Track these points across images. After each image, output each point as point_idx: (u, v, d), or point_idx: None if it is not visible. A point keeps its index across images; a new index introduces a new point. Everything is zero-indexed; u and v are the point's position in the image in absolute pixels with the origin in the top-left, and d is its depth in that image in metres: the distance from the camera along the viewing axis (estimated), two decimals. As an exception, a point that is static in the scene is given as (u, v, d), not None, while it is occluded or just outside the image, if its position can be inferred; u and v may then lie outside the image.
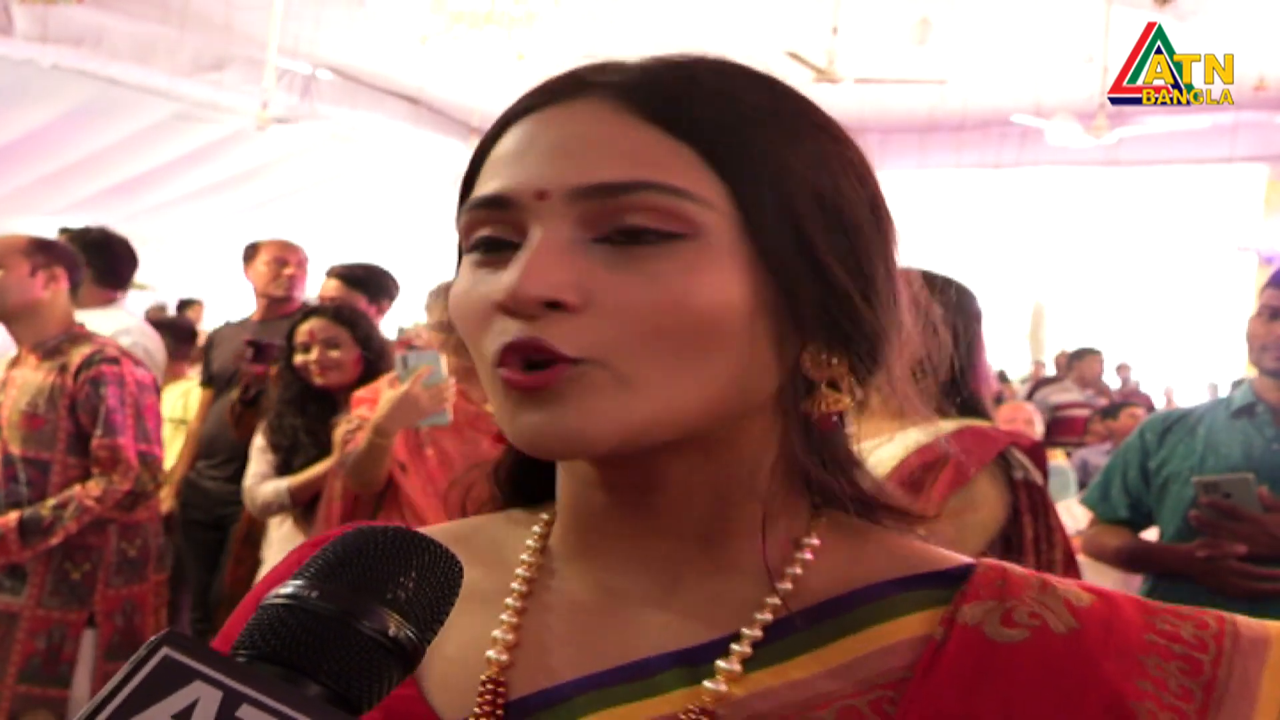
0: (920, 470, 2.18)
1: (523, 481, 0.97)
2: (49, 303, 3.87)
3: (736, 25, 10.79)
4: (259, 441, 4.19)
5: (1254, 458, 3.21)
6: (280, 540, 4.18)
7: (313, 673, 0.58)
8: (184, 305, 9.44)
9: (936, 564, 0.84)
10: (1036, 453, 2.64)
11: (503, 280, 0.77)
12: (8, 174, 13.84)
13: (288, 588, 0.61)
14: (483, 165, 0.84)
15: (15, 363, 3.85)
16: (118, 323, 4.76)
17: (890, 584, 0.82)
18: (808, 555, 0.84)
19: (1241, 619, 0.79)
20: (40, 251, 3.87)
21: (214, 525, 5.12)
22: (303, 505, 4.00)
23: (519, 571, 0.90)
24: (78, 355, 3.76)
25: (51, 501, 3.65)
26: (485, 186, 0.81)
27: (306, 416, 4.10)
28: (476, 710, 0.83)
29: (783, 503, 0.85)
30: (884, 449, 2.32)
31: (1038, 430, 7.07)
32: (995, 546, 2.47)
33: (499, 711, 0.82)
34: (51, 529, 3.61)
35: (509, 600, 0.88)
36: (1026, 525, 2.50)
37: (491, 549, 0.94)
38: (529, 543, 0.92)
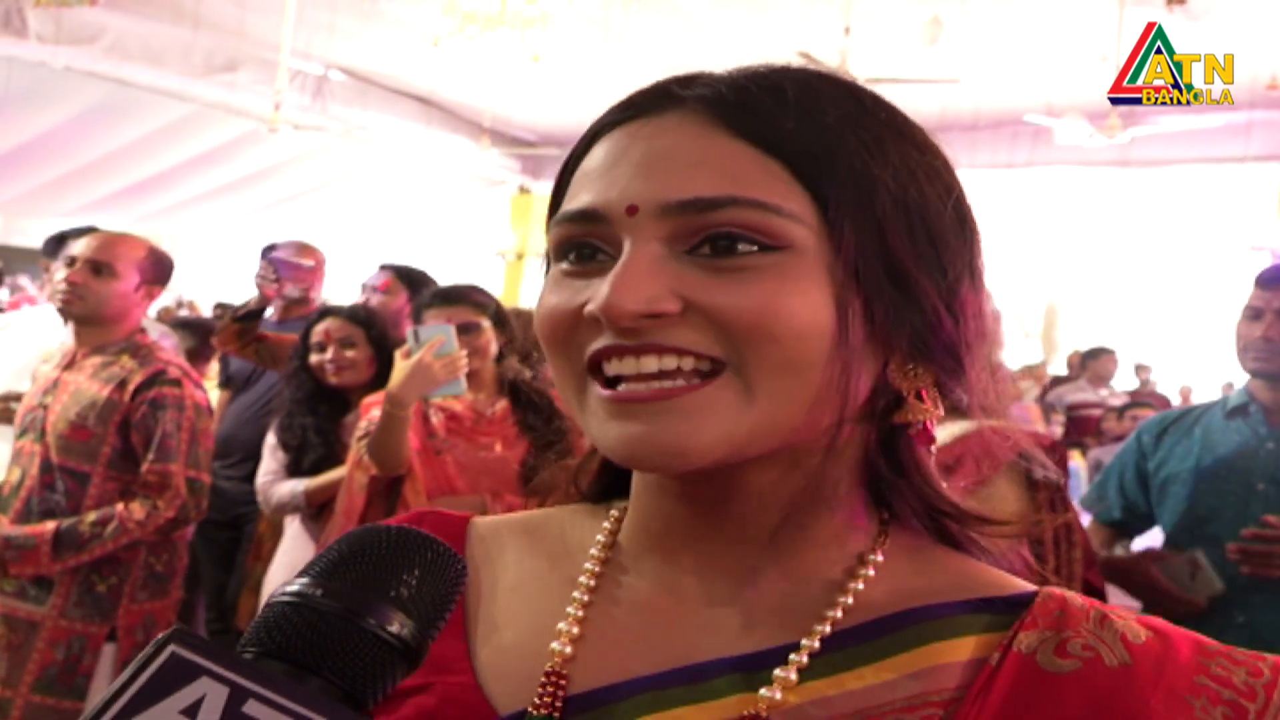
0: (938, 470, 2.17)
1: (604, 481, 0.98)
2: (135, 318, 3.79)
3: (749, 25, 10.78)
4: (270, 439, 4.21)
5: (1247, 456, 3.23)
6: (288, 540, 4.19)
7: (318, 669, 0.59)
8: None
9: (998, 589, 0.85)
10: (1057, 451, 2.64)
11: (596, 292, 0.78)
12: (22, 175, 13.91)
13: (294, 585, 0.63)
14: (571, 177, 0.85)
15: (70, 365, 3.72)
16: None
17: (951, 605, 0.83)
18: (871, 571, 0.85)
19: None
20: (154, 266, 3.80)
21: (230, 525, 5.13)
22: (316, 508, 4.01)
23: (587, 565, 0.91)
24: (139, 373, 3.63)
25: (91, 517, 3.54)
26: (576, 200, 0.82)
27: (317, 416, 4.12)
28: (536, 701, 0.84)
29: (853, 517, 0.86)
30: None
31: (1055, 431, 7.07)
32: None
33: (558, 704, 0.83)
34: (87, 545, 3.51)
35: (575, 594, 0.89)
36: (1046, 524, 2.51)
37: (559, 541, 0.95)
38: (599, 538, 0.93)
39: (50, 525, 3.52)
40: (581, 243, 0.82)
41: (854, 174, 0.80)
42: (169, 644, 0.57)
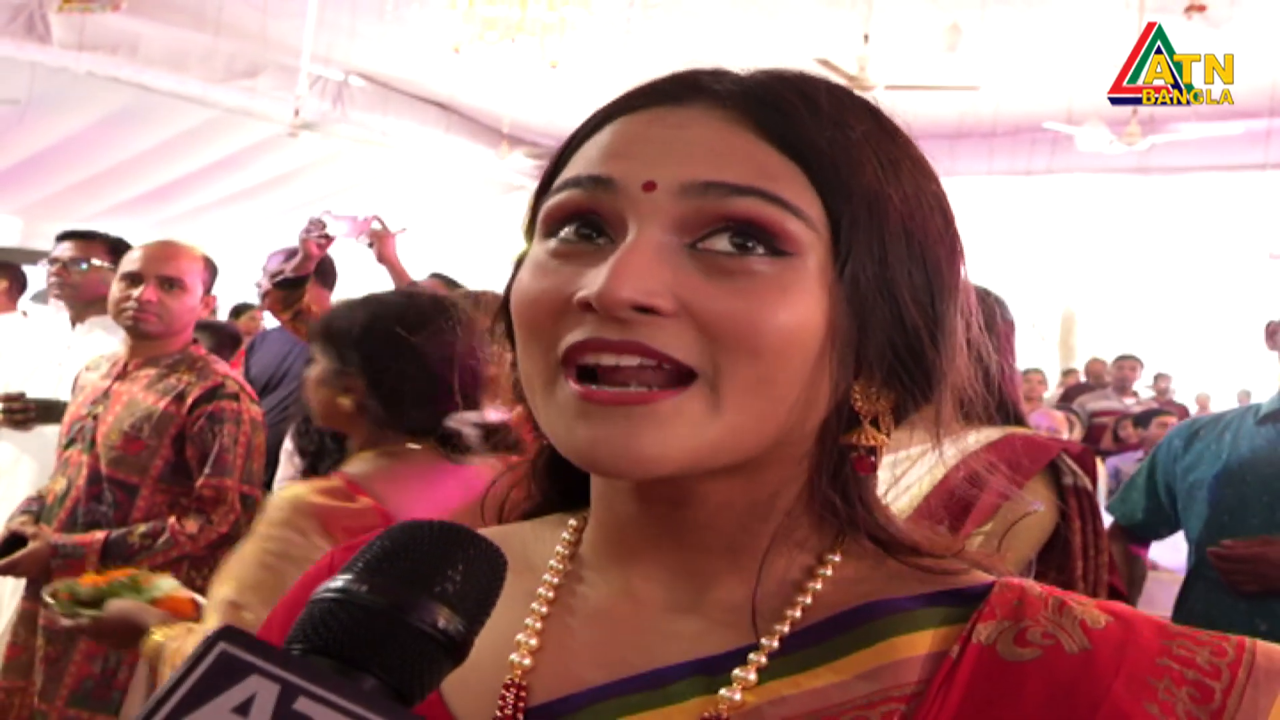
0: (970, 478, 2.18)
1: (561, 480, 0.97)
2: (190, 329, 3.77)
3: (768, 32, 10.78)
4: (287, 445, 4.20)
5: (1274, 463, 3.21)
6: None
7: (365, 665, 0.59)
8: (239, 311, 9.45)
9: (956, 583, 0.84)
10: (1086, 459, 2.65)
11: (589, 278, 0.76)
12: (44, 179, 13.96)
13: (338, 582, 0.63)
14: (574, 155, 0.83)
15: (123, 375, 3.68)
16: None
17: (909, 599, 0.83)
18: (829, 571, 0.85)
19: (1263, 648, 0.79)
20: (211, 274, 3.78)
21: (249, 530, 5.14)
22: (331, 513, 4.00)
23: (546, 577, 0.91)
24: (198, 387, 3.59)
25: (142, 528, 3.48)
26: (585, 167, 0.80)
27: (334, 422, 4.11)
28: (497, 714, 0.83)
29: (809, 522, 0.86)
30: (929, 457, 2.31)
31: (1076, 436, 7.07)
32: (1045, 551, 2.49)
33: (519, 716, 0.83)
34: (135, 557, 3.41)
35: (534, 605, 0.89)
36: (1076, 530, 2.52)
37: (521, 555, 0.94)
38: (558, 549, 0.93)
39: (99, 535, 3.47)
40: (584, 214, 0.79)
41: (870, 193, 0.79)
42: (218, 642, 0.57)
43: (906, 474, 0.96)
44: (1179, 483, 3.43)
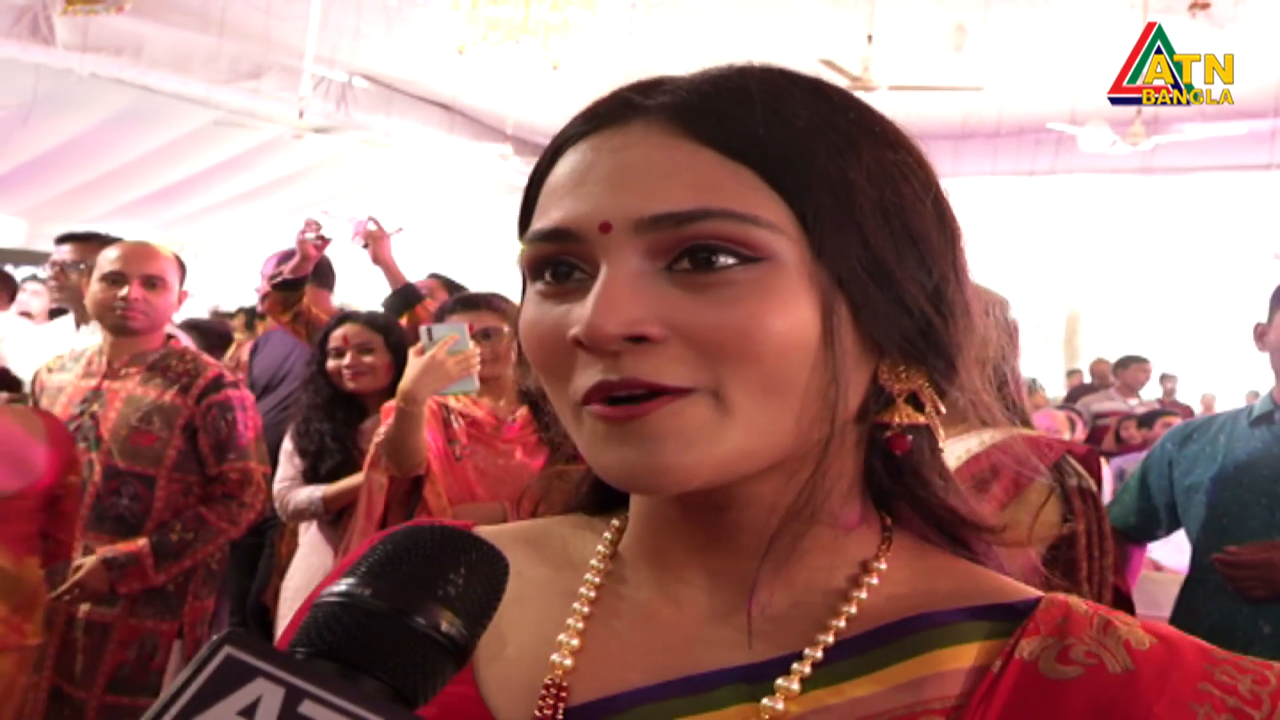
0: (973, 479, 2.18)
1: (604, 491, 0.97)
2: (168, 321, 3.89)
3: (772, 33, 10.78)
4: (287, 445, 4.20)
5: (1271, 464, 3.21)
6: (305, 546, 4.19)
7: (369, 668, 0.60)
8: (249, 313, 9.41)
9: (1002, 595, 0.84)
10: (1091, 460, 2.65)
11: (577, 315, 0.76)
12: (48, 181, 13.99)
13: (341, 585, 0.63)
14: (539, 192, 0.84)
15: (112, 374, 3.77)
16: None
17: (954, 612, 0.82)
18: (874, 579, 0.84)
19: None
20: (182, 270, 3.89)
21: (253, 530, 5.14)
22: (334, 514, 4.01)
23: (588, 576, 0.90)
24: (200, 379, 3.74)
25: (177, 525, 3.64)
26: (546, 218, 0.80)
27: (334, 422, 4.11)
28: (536, 713, 0.83)
29: (854, 523, 0.85)
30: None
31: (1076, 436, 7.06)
32: (1051, 552, 2.49)
33: (559, 716, 0.82)
34: (182, 553, 3.62)
35: (576, 605, 0.88)
36: (1081, 532, 2.51)
37: (561, 552, 0.94)
38: (600, 548, 0.92)
39: (141, 541, 3.61)
40: (557, 260, 0.80)
41: (829, 179, 0.77)
42: (224, 646, 0.57)
43: None
44: (1175, 486, 3.44)
